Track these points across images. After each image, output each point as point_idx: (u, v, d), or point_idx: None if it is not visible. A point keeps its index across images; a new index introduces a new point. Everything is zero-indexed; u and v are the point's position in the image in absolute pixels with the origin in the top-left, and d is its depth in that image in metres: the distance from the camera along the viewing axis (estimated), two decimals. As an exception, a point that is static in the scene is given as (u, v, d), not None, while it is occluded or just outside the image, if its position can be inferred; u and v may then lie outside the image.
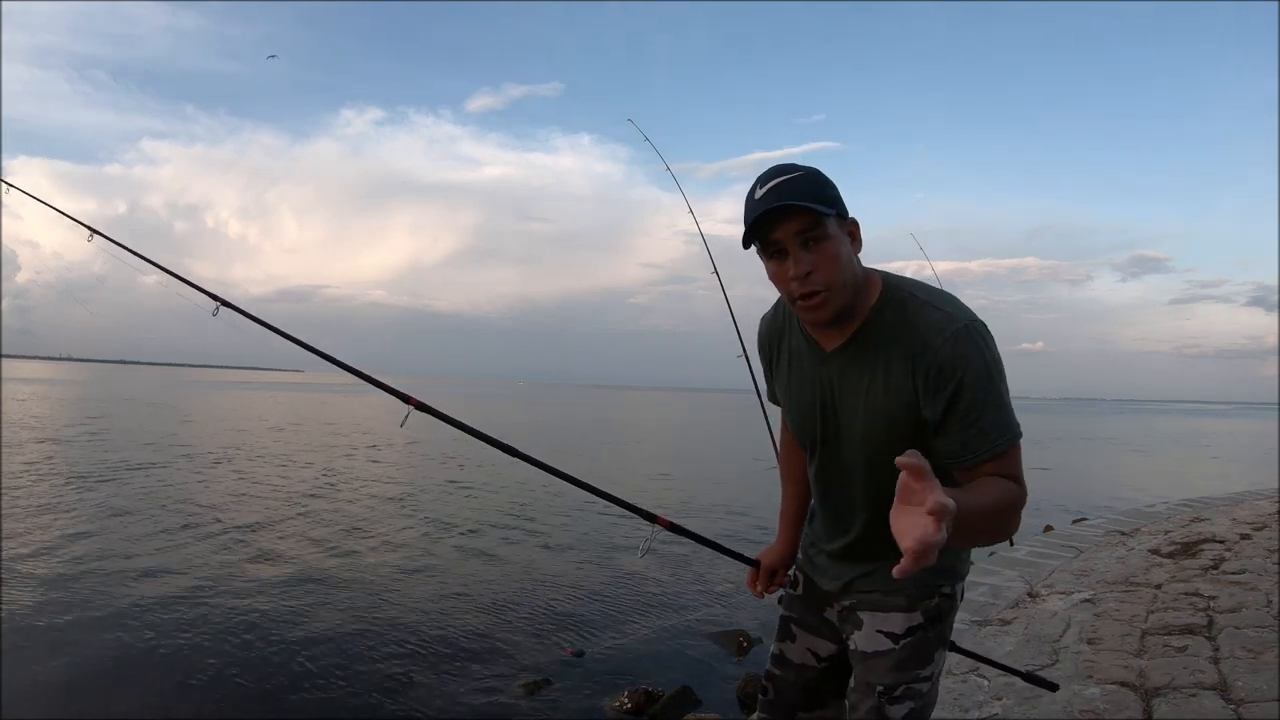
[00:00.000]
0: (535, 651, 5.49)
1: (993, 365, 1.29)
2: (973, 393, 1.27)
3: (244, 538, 8.78)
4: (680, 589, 7.20)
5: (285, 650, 5.34)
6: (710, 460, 20.92)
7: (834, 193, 1.31)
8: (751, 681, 4.72)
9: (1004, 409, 1.29)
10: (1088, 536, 6.58)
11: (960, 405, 1.27)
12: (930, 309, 1.32)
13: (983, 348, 1.29)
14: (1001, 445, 1.28)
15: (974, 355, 1.27)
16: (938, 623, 1.48)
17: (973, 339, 1.29)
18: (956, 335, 1.28)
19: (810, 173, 1.31)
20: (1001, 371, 1.30)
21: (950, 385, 1.27)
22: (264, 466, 15.25)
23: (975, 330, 1.30)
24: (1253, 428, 56.63)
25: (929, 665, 1.46)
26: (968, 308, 1.35)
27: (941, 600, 1.48)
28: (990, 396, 1.27)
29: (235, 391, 66.02)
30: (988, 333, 1.31)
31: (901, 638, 1.46)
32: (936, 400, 1.29)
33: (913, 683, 1.44)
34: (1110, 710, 2.99)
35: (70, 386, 56.89)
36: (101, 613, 5.98)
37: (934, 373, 1.28)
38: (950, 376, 1.27)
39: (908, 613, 1.46)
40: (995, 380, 1.28)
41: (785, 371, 1.53)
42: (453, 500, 12.09)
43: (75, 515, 9.62)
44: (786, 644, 1.66)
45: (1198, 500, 8.87)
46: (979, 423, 1.27)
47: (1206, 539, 5.93)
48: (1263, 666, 3.27)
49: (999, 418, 1.28)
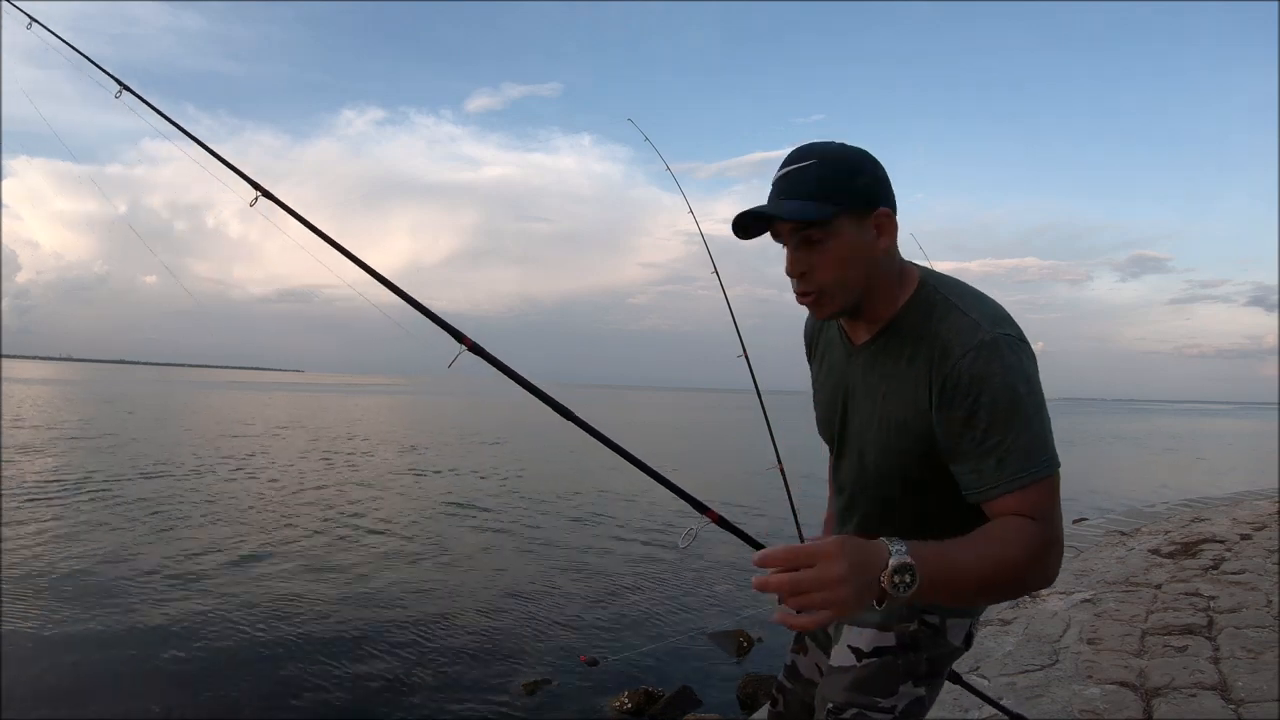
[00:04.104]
0: (535, 651, 5.49)
1: (1020, 385, 1.11)
2: (991, 415, 1.11)
3: (245, 538, 8.77)
4: (680, 589, 7.19)
5: (286, 649, 5.33)
6: (714, 460, 20.89)
7: (852, 183, 1.17)
8: (751, 681, 4.72)
9: (1032, 436, 1.11)
10: (1088, 536, 6.58)
11: (976, 429, 1.12)
12: (957, 314, 1.18)
13: (1011, 364, 1.12)
14: (1024, 479, 1.10)
15: (997, 372, 1.11)
16: (911, 651, 1.32)
17: (999, 354, 1.12)
18: (980, 348, 1.13)
19: (825, 161, 1.18)
20: (1034, 392, 1.13)
21: (965, 404, 1.12)
22: (265, 467, 15.25)
23: (1004, 344, 1.13)
24: (1253, 428, 56.61)
25: (891, 696, 1.30)
26: (1005, 316, 1.20)
27: (922, 629, 1.32)
28: (1015, 421, 1.10)
29: (237, 392, 66.01)
30: (1022, 347, 1.15)
31: (866, 656, 1.33)
32: (950, 418, 1.14)
33: (867, 709, 1.30)
34: (1110, 710, 2.99)
35: (70, 386, 56.91)
36: (101, 613, 5.97)
37: (950, 386, 1.14)
38: (966, 394, 1.12)
39: (879, 631, 1.33)
40: (1022, 403, 1.11)
41: (819, 363, 1.45)
42: (452, 500, 12.07)
43: (75, 515, 9.61)
44: (799, 656, 1.58)
45: (1198, 500, 8.87)
46: (997, 450, 1.11)
47: (1206, 539, 5.93)
48: (1263, 666, 3.27)
49: (1024, 445, 1.10)
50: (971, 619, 1.37)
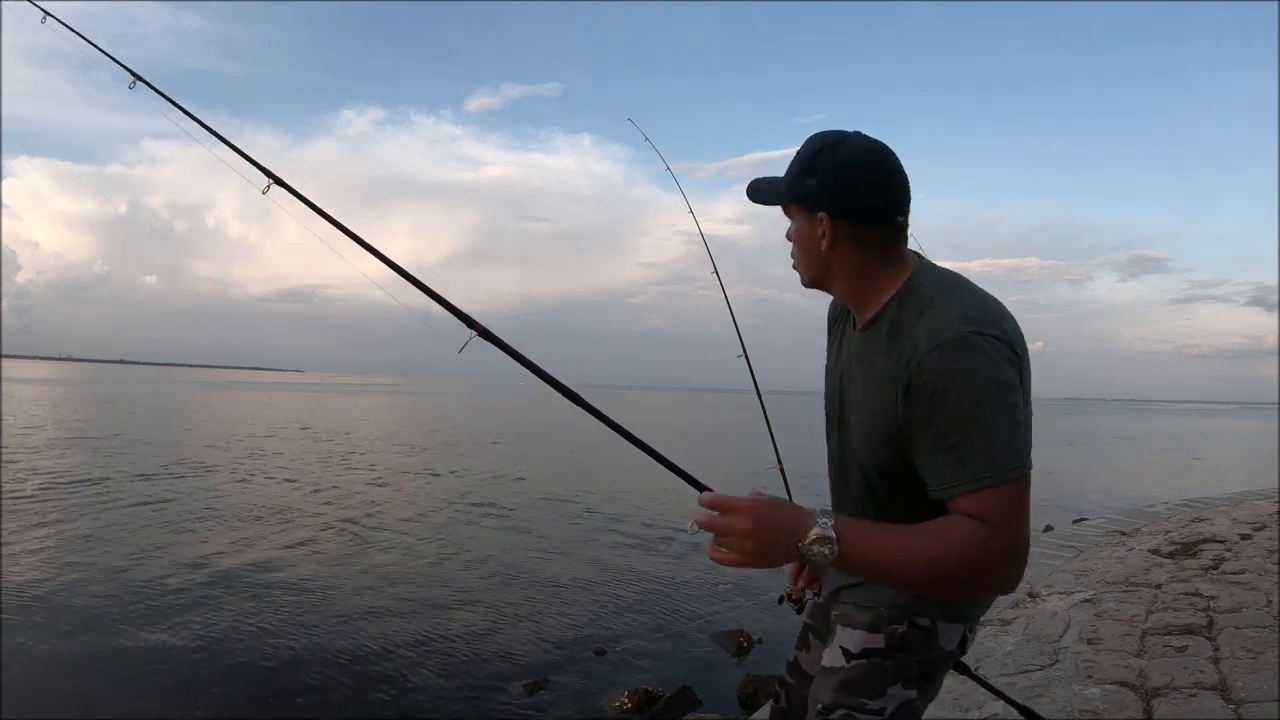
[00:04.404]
0: (535, 651, 5.49)
1: (987, 386, 1.09)
2: (953, 414, 1.09)
3: (245, 539, 8.77)
4: (680, 589, 7.19)
5: (286, 649, 5.33)
6: (715, 459, 20.90)
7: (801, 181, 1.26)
8: (751, 681, 4.73)
9: (994, 438, 1.08)
10: (1088, 536, 6.58)
11: (935, 426, 1.11)
12: (934, 309, 1.17)
13: (978, 363, 1.10)
14: (981, 481, 1.08)
15: (962, 371, 1.09)
16: (901, 653, 1.31)
17: (965, 352, 1.10)
18: (946, 345, 1.11)
19: (802, 154, 1.27)
20: (1002, 394, 1.10)
21: (927, 401, 1.12)
22: (265, 467, 15.25)
23: (973, 342, 1.11)
24: (1253, 428, 56.62)
25: (879, 698, 1.30)
26: (987, 313, 1.17)
27: (912, 631, 1.30)
28: (977, 421, 1.08)
29: (237, 392, 66.00)
30: (994, 346, 1.12)
31: (855, 657, 1.34)
32: (911, 414, 1.14)
33: (854, 710, 1.31)
34: (1110, 710, 2.99)
35: (70, 386, 56.91)
36: (101, 614, 5.97)
37: (915, 381, 1.13)
38: (928, 391, 1.11)
39: (869, 632, 1.33)
40: (987, 403, 1.09)
41: (834, 341, 1.47)
42: (453, 500, 12.08)
43: (75, 516, 9.61)
44: (801, 653, 1.59)
45: (1198, 500, 8.87)
46: (957, 449, 1.09)
47: (1206, 539, 5.93)
48: (1263, 666, 3.27)
49: (984, 447, 1.08)
50: (966, 624, 1.35)
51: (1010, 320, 1.21)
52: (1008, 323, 1.19)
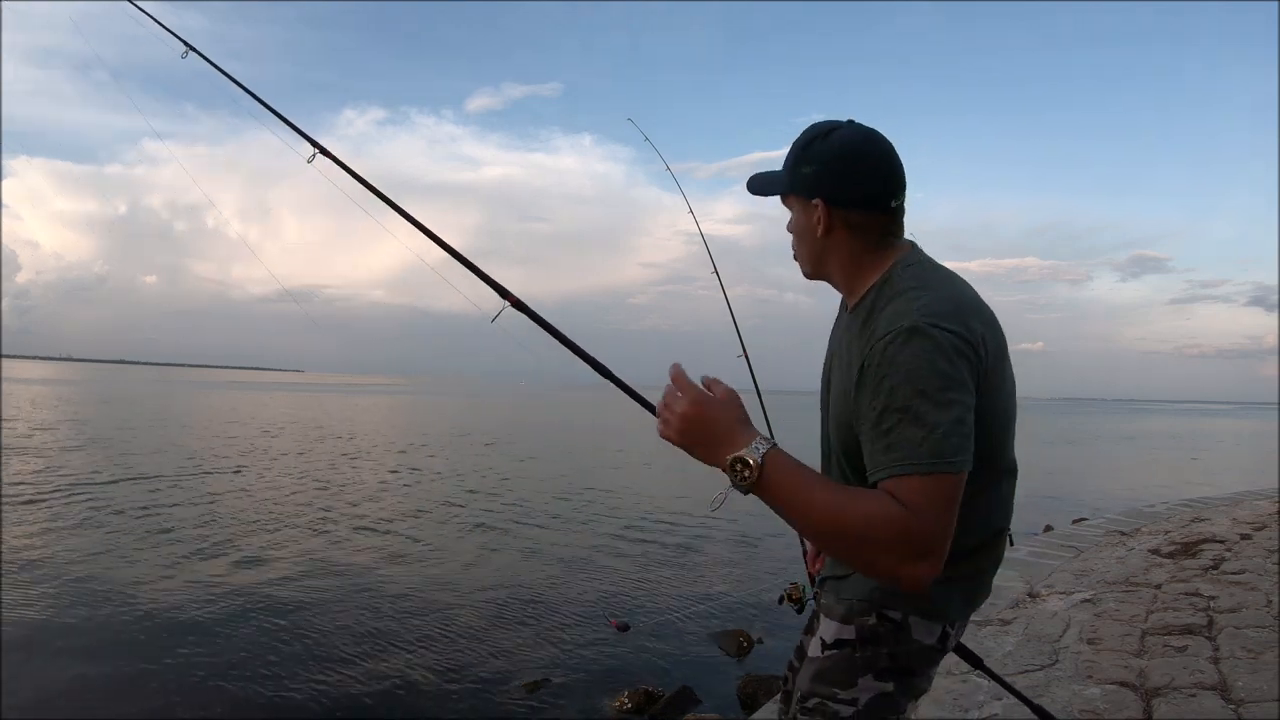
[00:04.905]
0: (535, 651, 5.49)
1: (930, 376, 1.10)
2: (889, 400, 1.12)
3: (245, 538, 8.78)
4: (680, 589, 7.19)
5: (287, 649, 5.33)
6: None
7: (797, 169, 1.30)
8: (751, 681, 4.73)
9: (923, 428, 1.09)
10: (1088, 536, 6.59)
11: (875, 409, 1.14)
12: (902, 298, 1.19)
13: (925, 353, 1.11)
14: (905, 467, 1.08)
15: (906, 359, 1.12)
16: (870, 645, 1.31)
17: (914, 340, 1.12)
18: (898, 334, 1.14)
19: (799, 143, 1.31)
20: (944, 387, 1.10)
21: (871, 384, 1.15)
22: (265, 467, 15.25)
23: (925, 332, 1.12)
24: (1253, 428, 56.61)
25: (850, 689, 1.31)
26: (956, 307, 1.19)
27: (881, 623, 1.31)
28: (911, 410, 1.10)
29: (237, 392, 66.00)
30: (948, 339, 1.13)
31: (829, 647, 1.35)
32: (860, 397, 1.18)
33: (828, 699, 1.32)
34: (1110, 710, 2.99)
35: (70, 386, 56.90)
36: (101, 614, 5.98)
37: (867, 366, 1.16)
38: (874, 375, 1.15)
39: (842, 624, 1.34)
40: (924, 394, 1.10)
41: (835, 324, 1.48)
42: (452, 500, 12.08)
43: (75, 516, 9.62)
44: (807, 637, 1.57)
45: (1198, 500, 8.88)
46: (889, 435, 1.11)
47: (1206, 539, 5.94)
48: (1263, 666, 3.27)
49: (913, 436, 1.09)
50: (944, 621, 1.32)
51: (983, 321, 1.21)
52: (977, 322, 1.19)
